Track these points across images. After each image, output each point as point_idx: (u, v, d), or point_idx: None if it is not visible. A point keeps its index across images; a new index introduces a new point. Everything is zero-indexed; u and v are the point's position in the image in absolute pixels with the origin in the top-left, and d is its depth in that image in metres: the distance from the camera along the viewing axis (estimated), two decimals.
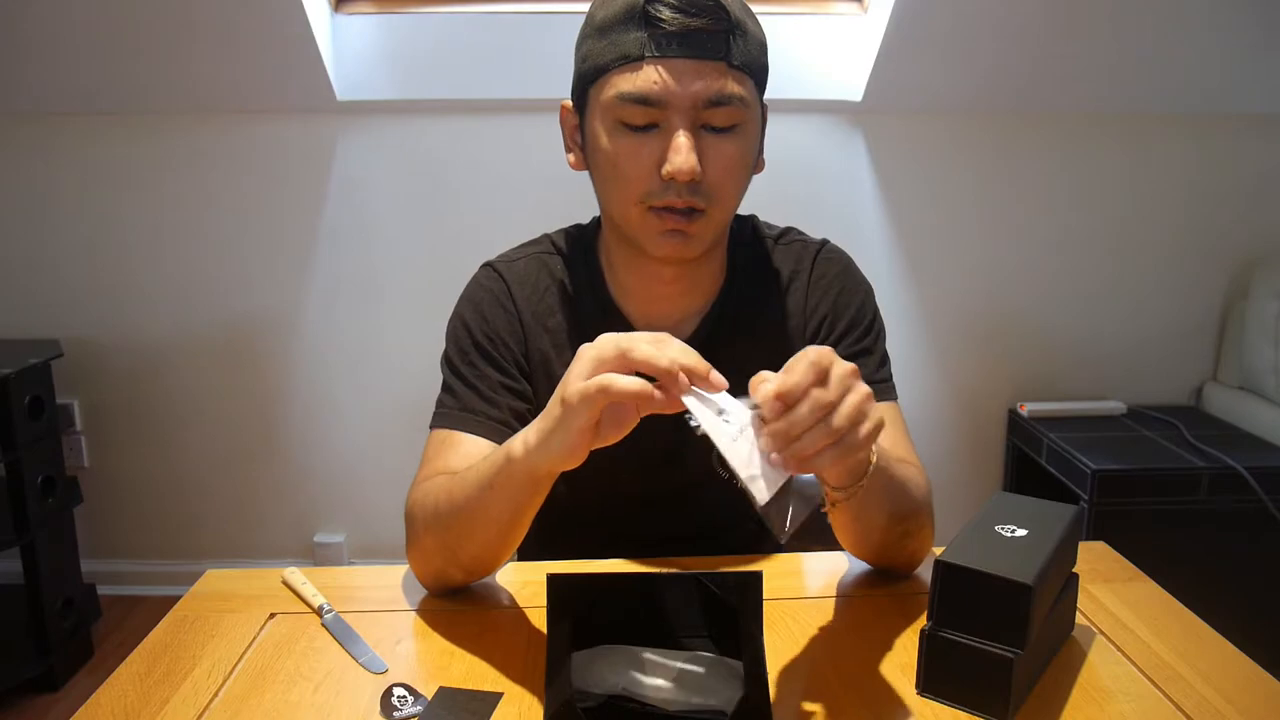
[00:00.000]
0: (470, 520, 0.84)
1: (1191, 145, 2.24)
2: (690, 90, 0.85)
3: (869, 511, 0.84)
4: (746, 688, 0.69)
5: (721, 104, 0.86)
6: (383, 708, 0.74)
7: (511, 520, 0.83)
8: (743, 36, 0.87)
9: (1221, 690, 0.76)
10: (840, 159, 2.23)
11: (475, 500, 0.82)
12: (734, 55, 0.86)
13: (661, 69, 0.85)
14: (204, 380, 2.30)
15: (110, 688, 0.77)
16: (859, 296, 1.04)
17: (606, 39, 0.87)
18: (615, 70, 0.87)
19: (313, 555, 2.39)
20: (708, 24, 0.84)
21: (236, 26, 1.93)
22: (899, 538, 0.89)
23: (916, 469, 0.93)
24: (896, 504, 0.85)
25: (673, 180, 0.86)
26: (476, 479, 0.82)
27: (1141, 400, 2.29)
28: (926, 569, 0.95)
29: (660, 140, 0.87)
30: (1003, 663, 0.71)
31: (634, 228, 0.92)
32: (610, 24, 0.87)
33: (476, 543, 0.86)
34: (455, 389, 0.99)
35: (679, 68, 0.85)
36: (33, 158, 2.19)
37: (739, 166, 0.90)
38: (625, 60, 0.86)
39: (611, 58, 0.87)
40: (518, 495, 0.80)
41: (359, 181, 2.20)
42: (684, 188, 0.87)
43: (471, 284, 1.05)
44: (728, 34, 0.85)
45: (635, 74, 0.85)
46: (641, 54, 0.85)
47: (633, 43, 0.85)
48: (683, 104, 0.85)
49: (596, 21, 0.89)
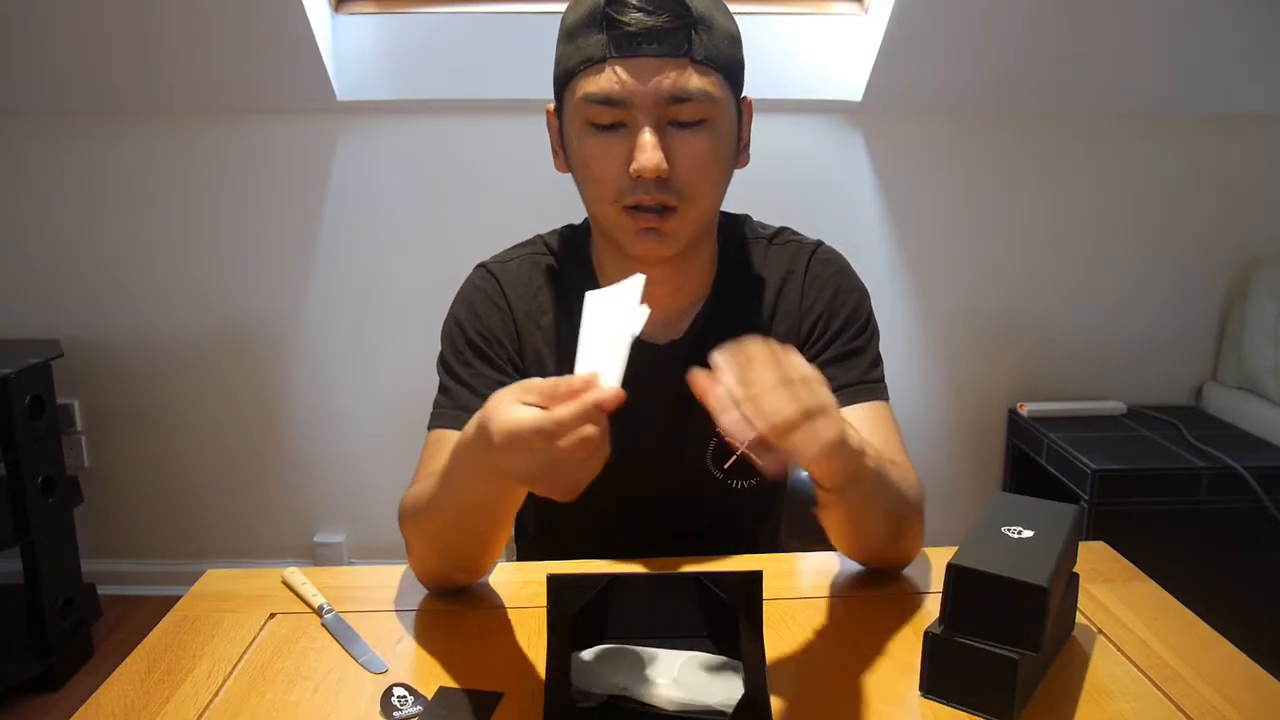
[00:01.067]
0: (453, 523, 0.83)
1: (1191, 145, 2.24)
2: (652, 88, 0.85)
3: (863, 514, 0.84)
4: (746, 688, 0.69)
5: (685, 100, 0.86)
6: (383, 708, 0.74)
7: (499, 521, 0.83)
8: (707, 31, 0.87)
9: (1221, 690, 0.76)
10: (840, 159, 2.22)
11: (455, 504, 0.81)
12: (696, 50, 0.86)
13: (622, 69, 0.86)
14: (204, 380, 2.30)
15: (110, 688, 0.77)
16: (854, 297, 1.04)
17: (573, 43, 0.89)
18: (581, 73, 0.88)
19: (313, 555, 2.39)
20: (667, 21, 0.85)
21: (236, 26, 1.93)
22: (891, 538, 0.89)
23: (908, 469, 0.93)
24: (889, 506, 0.85)
25: (640, 178, 0.87)
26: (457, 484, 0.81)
27: (1141, 400, 2.29)
28: (914, 568, 0.95)
29: (628, 139, 0.87)
30: (1007, 664, 0.71)
31: (611, 227, 0.93)
32: (576, 28, 0.88)
33: (467, 542, 0.86)
34: (450, 389, 0.99)
35: (640, 66, 0.85)
36: (33, 158, 2.19)
37: (709, 161, 0.90)
38: (589, 63, 0.87)
39: (577, 61, 0.88)
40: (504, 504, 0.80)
41: (359, 181, 2.20)
42: (652, 185, 0.87)
43: (465, 285, 1.05)
44: (690, 29, 0.86)
45: (599, 75, 0.86)
46: (604, 55, 0.86)
47: (595, 45, 0.86)
48: (645, 102, 0.86)
49: (566, 26, 0.91)
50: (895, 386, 1.05)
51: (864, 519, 0.85)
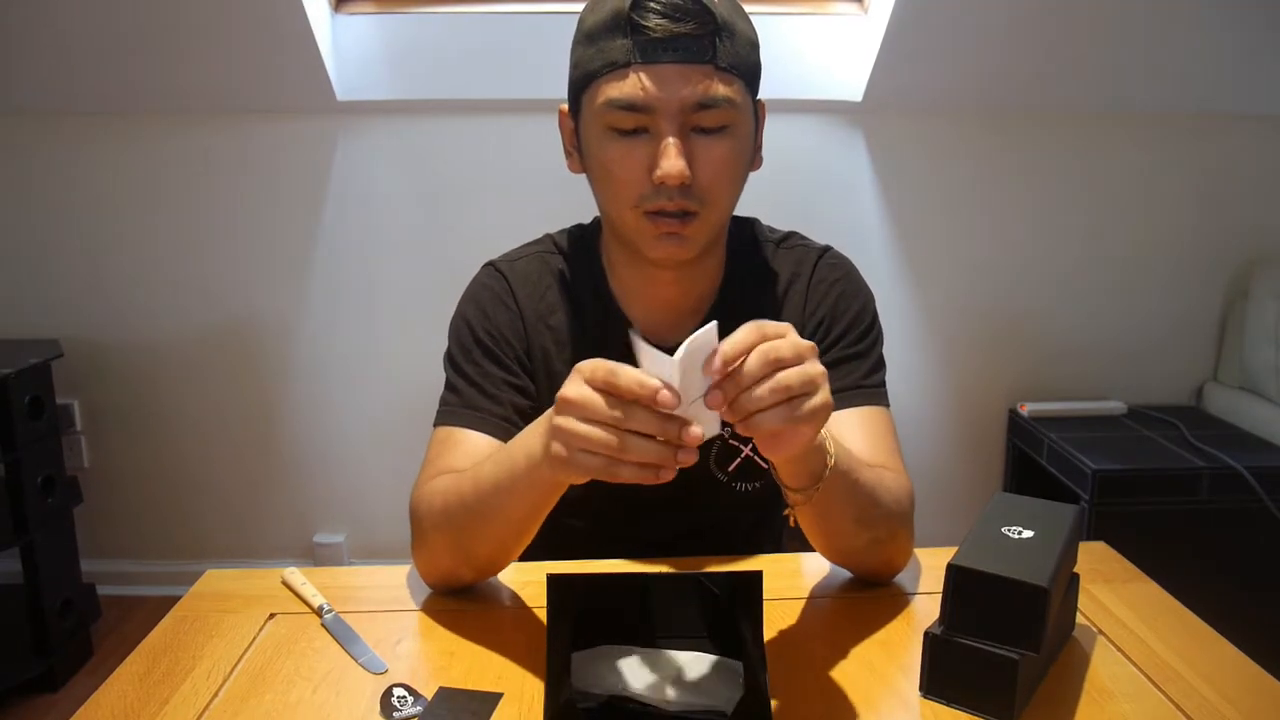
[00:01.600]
0: (485, 521, 0.84)
1: (1192, 145, 2.24)
2: (677, 95, 0.85)
3: (833, 514, 0.84)
4: (746, 688, 0.69)
5: (710, 107, 0.86)
6: (383, 708, 0.74)
7: (527, 519, 0.84)
8: (730, 37, 0.87)
9: (1222, 691, 0.76)
10: (840, 159, 2.22)
11: (490, 501, 0.82)
12: (721, 57, 0.86)
13: (647, 75, 0.85)
14: (204, 380, 2.30)
15: (110, 688, 0.77)
16: (858, 301, 1.04)
17: (595, 46, 0.88)
18: (603, 77, 0.87)
19: (313, 555, 2.39)
20: (692, 28, 0.84)
21: (236, 26, 1.93)
22: (867, 544, 0.88)
23: (896, 476, 0.92)
24: (863, 509, 0.85)
25: (663, 184, 0.87)
26: (492, 480, 0.82)
27: (1142, 400, 2.29)
28: (914, 568, 0.95)
29: (650, 145, 0.87)
30: (1008, 664, 0.71)
31: (630, 231, 0.92)
32: (598, 31, 0.88)
33: (490, 542, 0.86)
34: (458, 386, 0.99)
35: (665, 73, 0.85)
36: (33, 157, 2.19)
37: (731, 167, 0.90)
38: (613, 67, 0.86)
39: (599, 65, 0.87)
40: (533, 497, 0.81)
41: (359, 181, 2.20)
42: (675, 191, 0.87)
43: (474, 283, 1.05)
44: (714, 36, 0.85)
45: (622, 81, 0.86)
46: (628, 61, 0.85)
47: (619, 50, 0.86)
48: (670, 109, 0.86)
49: (586, 28, 0.90)
50: (895, 386, 1.04)
51: (836, 522, 0.85)
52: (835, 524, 0.86)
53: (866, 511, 0.85)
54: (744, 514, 1.09)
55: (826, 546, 0.91)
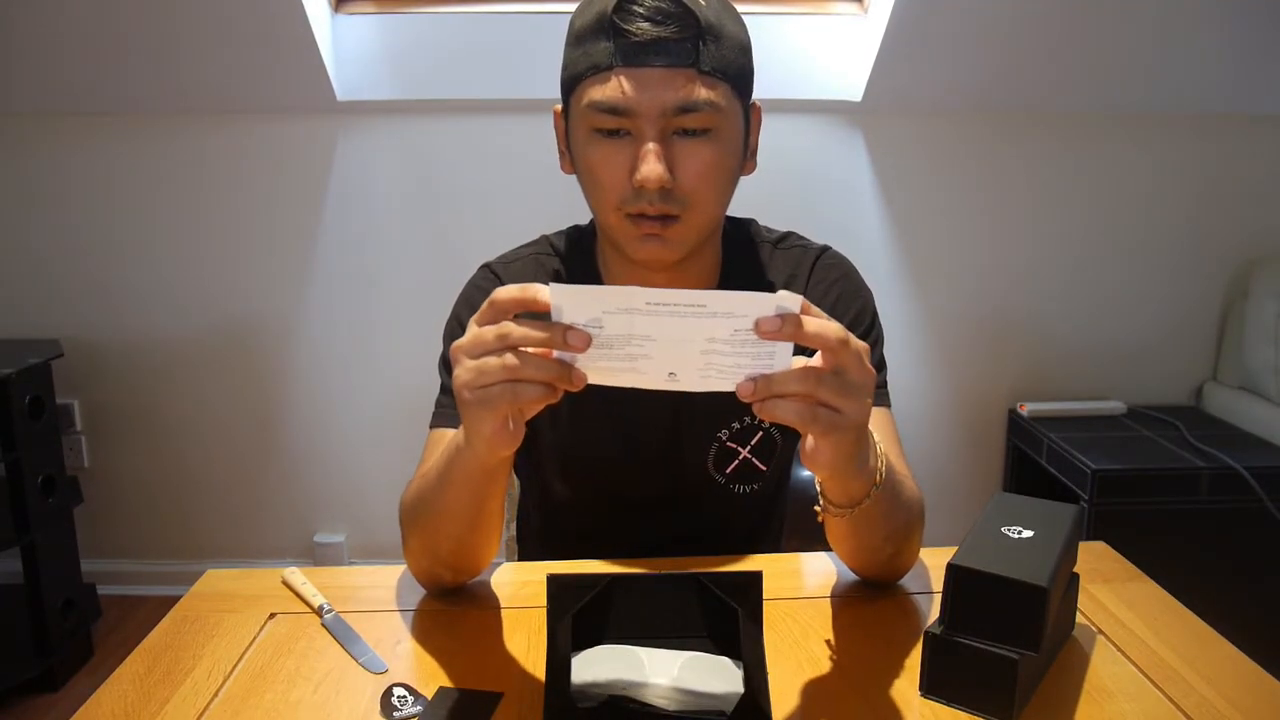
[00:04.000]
0: (438, 516, 0.84)
1: (1192, 145, 2.24)
2: (658, 99, 0.85)
3: (868, 530, 0.84)
4: (746, 688, 0.69)
5: (692, 110, 0.86)
6: (383, 708, 0.74)
7: (471, 510, 0.82)
8: (715, 41, 0.86)
9: (1222, 690, 0.76)
10: (840, 159, 2.22)
11: (439, 496, 0.82)
12: (704, 61, 0.86)
13: (628, 79, 0.85)
14: (204, 380, 2.30)
15: (110, 688, 0.77)
16: (858, 302, 1.03)
17: (581, 48, 0.88)
18: (587, 79, 0.87)
19: (313, 555, 2.39)
20: (675, 32, 0.84)
21: (236, 26, 1.93)
22: (889, 557, 0.89)
23: (908, 481, 0.92)
24: (895, 528, 0.85)
25: (644, 188, 0.86)
26: (436, 474, 0.82)
27: (1141, 400, 2.29)
28: (907, 576, 0.95)
29: (632, 147, 0.87)
30: (1008, 664, 0.71)
31: (614, 232, 0.92)
32: (584, 33, 0.88)
33: (449, 539, 0.86)
34: (451, 388, 0.99)
35: (646, 77, 0.85)
36: (33, 157, 2.19)
37: (714, 171, 0.90)
38: (596, 70, 0.86)
39: (584, 67, 0.87)
40: (474, 486, 0.80)
41: (359, 181, 2.20)
42: (655, 195, 0.87)
43: (468, 285, 1.05)
44: (697, 40, 0.85)
45: (604, 84, 0.86)
46: (610, 64, 0.85)
47: (602, 53, 0.86)
48: (650, 112, 0.85)
49: (574, 30, 0.90)
50: (895, 387, 1.04)
51: (869, 537, 0.85)
52: (865, 540, 0.86)
53: (897, 530, 0.86)
54: (742, 516, 1.09)
55: (852, 557, 0.92)
